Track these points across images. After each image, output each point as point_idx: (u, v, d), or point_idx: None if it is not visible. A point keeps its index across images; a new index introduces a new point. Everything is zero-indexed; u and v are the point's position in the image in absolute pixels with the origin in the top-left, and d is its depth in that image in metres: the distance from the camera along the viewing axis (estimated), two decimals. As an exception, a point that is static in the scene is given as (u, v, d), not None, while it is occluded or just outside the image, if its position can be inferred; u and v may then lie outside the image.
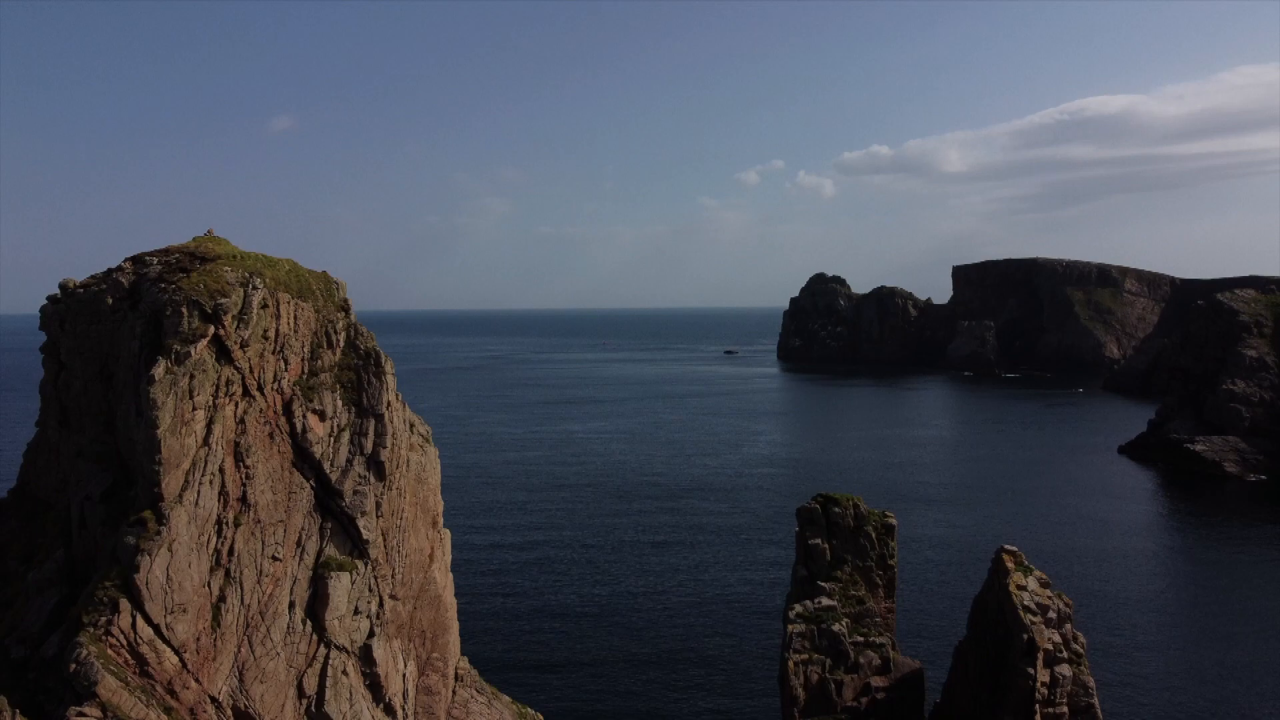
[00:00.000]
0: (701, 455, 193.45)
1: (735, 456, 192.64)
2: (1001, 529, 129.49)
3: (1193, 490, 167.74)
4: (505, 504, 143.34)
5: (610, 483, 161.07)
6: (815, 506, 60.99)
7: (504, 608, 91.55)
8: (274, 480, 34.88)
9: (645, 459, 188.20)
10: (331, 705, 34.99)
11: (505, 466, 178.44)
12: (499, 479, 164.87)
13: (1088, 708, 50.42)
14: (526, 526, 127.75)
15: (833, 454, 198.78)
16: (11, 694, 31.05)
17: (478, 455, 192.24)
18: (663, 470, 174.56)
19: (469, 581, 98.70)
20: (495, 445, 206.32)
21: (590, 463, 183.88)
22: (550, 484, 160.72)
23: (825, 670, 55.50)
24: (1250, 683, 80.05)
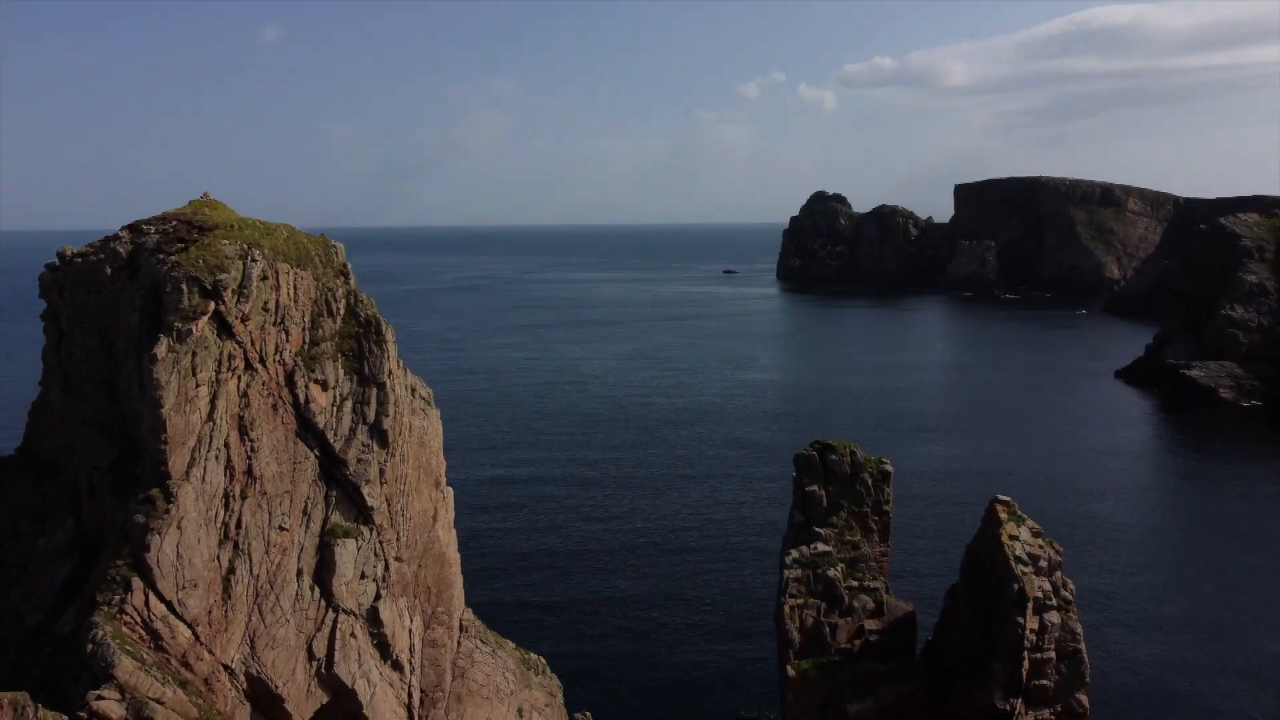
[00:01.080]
0: (699, 383, 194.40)
1: (732, 384, 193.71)
2: (995, 460, 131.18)
3: (1187, 416, 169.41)
4: (500, 436, 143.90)
5: (606, 413, 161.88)
6: (813, 454, 61.71)
7: (501, 548, 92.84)
8: (279, 452, 35.32)
9: (642, 386, 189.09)
10: (341, 666, 36.05)
11: (500, 395, 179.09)
12: (494, 408, 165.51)
13: (1074, 652, 51.89)
14: (522, 461, 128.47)
15: (830, 380, 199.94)
16: (30, 670, 31.99)
17: (473, 382, 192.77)
18: (659, 399, 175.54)
19: (467, 523, 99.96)
20: (491, 372, 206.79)
21: (587, 390, 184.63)
22: (546, 414, 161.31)
23: (820, 614, 56.89)
24: (1236, 611, 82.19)
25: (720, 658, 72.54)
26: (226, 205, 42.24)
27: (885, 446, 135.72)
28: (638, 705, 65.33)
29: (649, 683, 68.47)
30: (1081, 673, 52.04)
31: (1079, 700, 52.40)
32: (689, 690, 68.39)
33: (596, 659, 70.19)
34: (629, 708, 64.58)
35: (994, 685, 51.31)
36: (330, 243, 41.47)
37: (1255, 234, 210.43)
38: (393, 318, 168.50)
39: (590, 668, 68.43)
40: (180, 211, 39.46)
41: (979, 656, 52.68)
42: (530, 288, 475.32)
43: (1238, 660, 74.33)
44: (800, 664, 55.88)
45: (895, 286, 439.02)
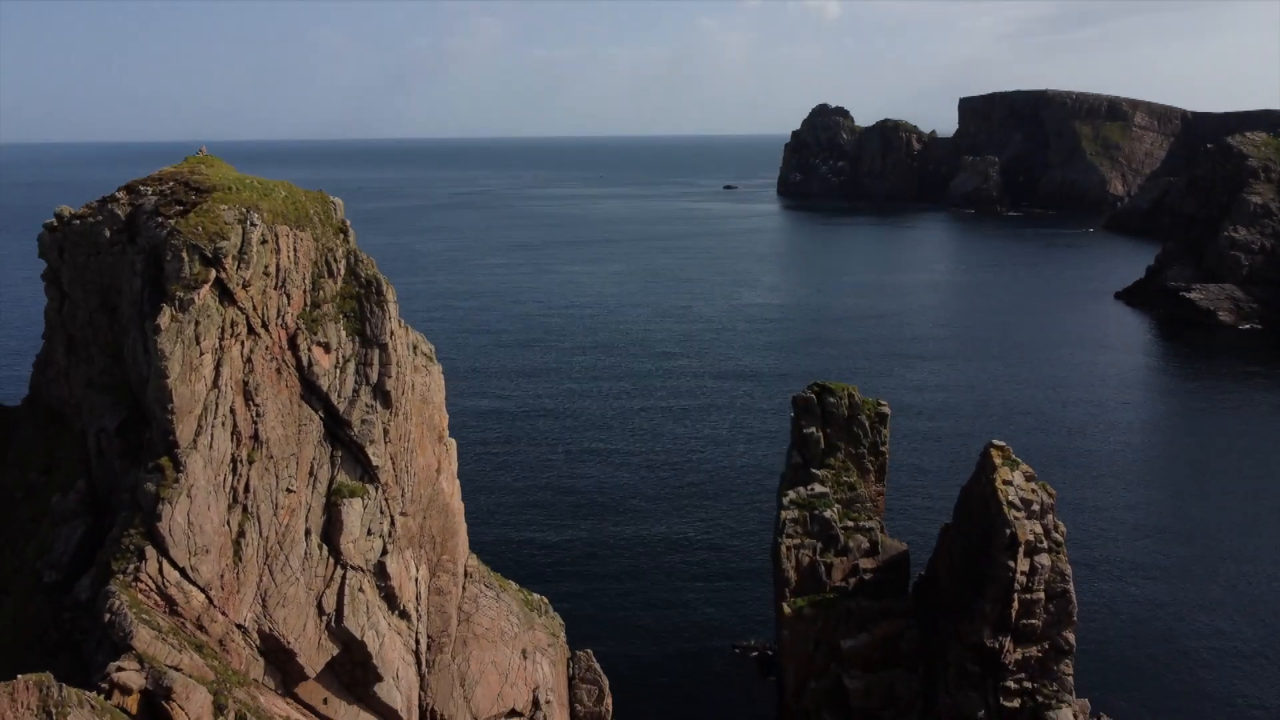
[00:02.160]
0: (698, 307, 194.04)
1: (732, 308, 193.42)
2: (992, 389, 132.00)
3: (1184, 340, 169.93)
4: (497, 366, 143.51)
5: (605, 341, 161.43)
6: (811, 396, 62.36)
7: (501, 486, 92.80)
8: (284, 415, 35.79)
9: (641, 312, 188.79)
10: (350, 620, 37.15)
11: (498, 320, 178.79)
12: (491, 335, 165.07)
13: (1063, 592, 53.30)
14: (520, 393, 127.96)
15: (829, 303, 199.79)
16: (51, 632, 33.03)
17: (470, 308, 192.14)
18: (658, 325, 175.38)
19: (466, 459, 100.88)
20: (488, 295, 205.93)
21: (586, 316, 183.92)
22: (544, 341, 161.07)
23: (816, 554, 58.26)
24: (1226, 544, 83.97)
25: (718, 593, 74.35)
26: (223, 162, 41.93)
27: (882, 376, 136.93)
28: (637, 641, 67.22)
29: (648, 618, 70.32)
30: (1069, 611, 53.55)
31: (1065, 638, 54.04)
32: (687, 623, 70.31)
33: (597, 596, 71.92)
34: (628, 643, 66.46)
35: (983, 624, 52.86)
36: (328, 199, 41.27)
37: (1262, 154, 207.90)
38: (387, 237, 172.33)
39: (591, 605, 70.19)
40: (177, 171, 39.20)
41: (969, 596, 54.13)
42: (528, 204, 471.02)
43: (1227, 593, 76.26)
44: (796, 602, 57.46)
45: (897, 203, 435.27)
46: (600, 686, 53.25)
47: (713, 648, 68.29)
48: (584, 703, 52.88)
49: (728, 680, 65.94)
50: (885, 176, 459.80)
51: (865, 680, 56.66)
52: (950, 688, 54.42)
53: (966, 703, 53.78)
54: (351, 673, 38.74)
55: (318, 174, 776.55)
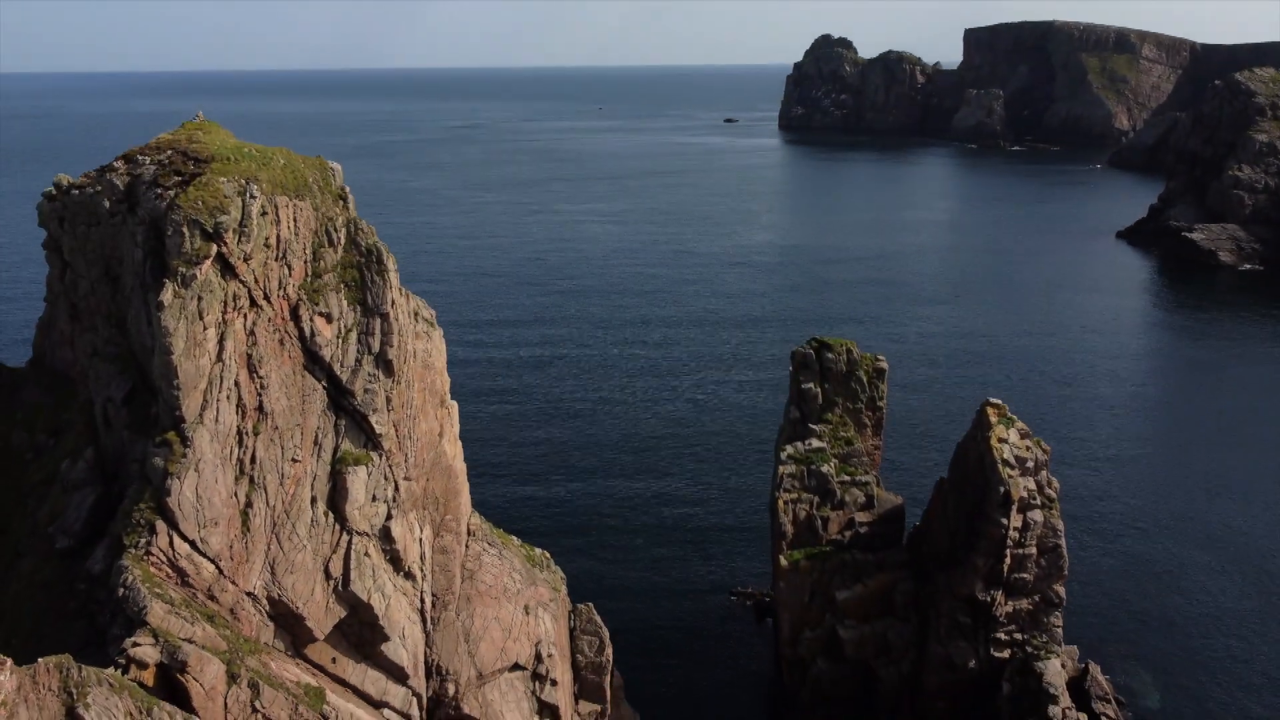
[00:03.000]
0: (697, 249, 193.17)
1: (732, 249, 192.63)
2: (991, 334, 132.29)
3: (1184, 281, 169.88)
4: (494, 311, 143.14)
5: (603, 284, 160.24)
6: (809, 352, 62.75)
7: (500, 439, 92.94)
8: (288, 386, 36.19)
9: (640, 253, 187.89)
10: (356, 584, 38.04)
11: (495, 262, 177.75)
12: (487, 279, 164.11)
13: (1054, 547, 54.39)
14: (518, 341, 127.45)
15: (829, 243, 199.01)
16: (66, 601, 33.92)
17: (467, 246, 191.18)
18: (657, 268, 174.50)
19: (465, 410, 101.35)
20: (485, 236, 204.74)
21: (584, 257, 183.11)
22: (541, 284, 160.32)
23: (813, 508, 59.24)
24: (1220, 497, 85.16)
25: (715, 543, 75.63)
26: (220, 126, 41.69)
27: (880, 320, 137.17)
28: (636, 591, 68.62)
29: (647, 569, 71.68)
30: (1060, 566, 54.73)
31: (1056, 591, 55.32)
32: (685, 572, 71.74)
33: (597, 549, 73.14)
34: (628, 594, 67.88)
35: (976, 578, 54.08)
36: (327, 165, 41.15)
37: (1270, 91, 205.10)
38: (383, 173, 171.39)
39: (591, 558, 71.45)
40: (174, 138, 39.02)
41: (963, 551, 55.24)
42: (526, 139, 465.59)
43: (1221, 542, 77.63)
44: (792, 554, 58.62)
45: (900, 137, 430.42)
46: (601, 638, 54.55)
47: (710, 595, 69.80)
48: (585, 654, 54.24)
49: (725, 627, 67.52)
50: (888, 110, 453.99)
51: (859, 630, 58.12)
52: (942, 638, 55.85)
53: (958, 653, 55.27)
54: (359, 633, 39.76)
55: (310, 107, 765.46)
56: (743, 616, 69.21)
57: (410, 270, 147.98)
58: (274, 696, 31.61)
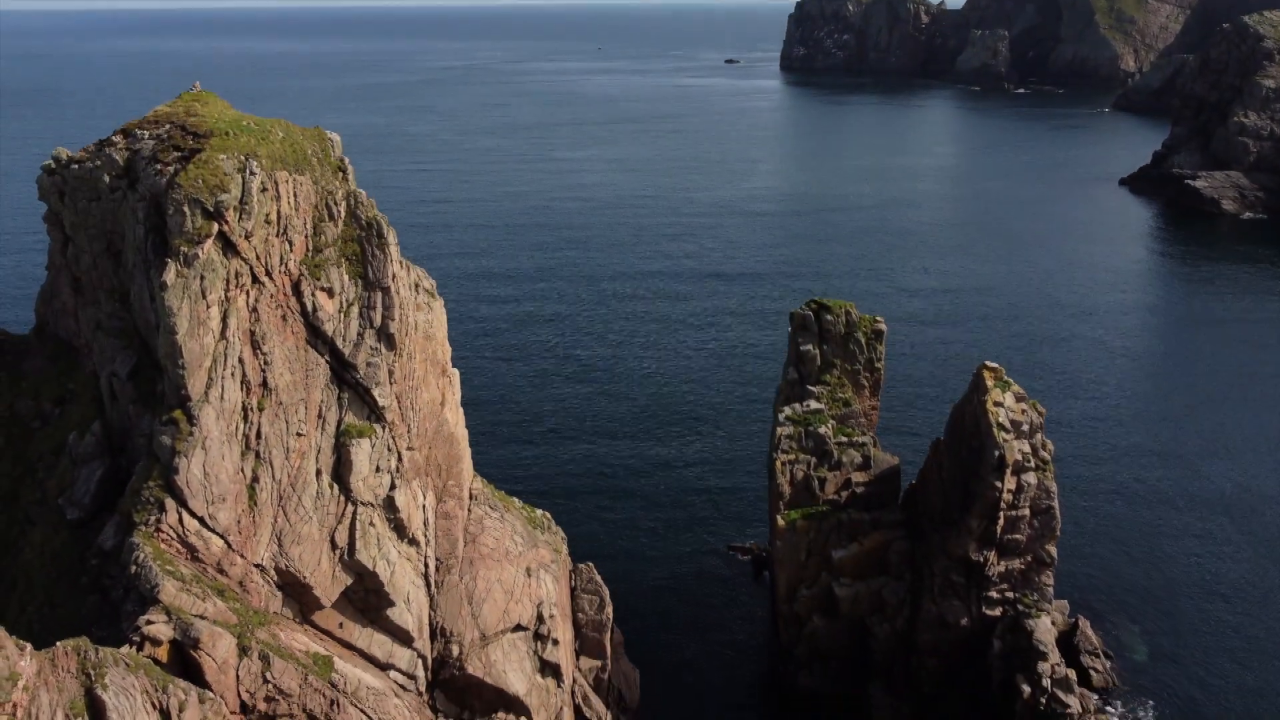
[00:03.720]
0: (698, 195, 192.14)
1: (731, 196, 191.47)
2: (988, 286, 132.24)
3: (1186, 230, 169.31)
4: (489, 264, 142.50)
5: (601, 235, 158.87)
6: (808, 313, 63.02)
7: (499, 401, 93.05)
8: (291, 361, 36.58)
9: (639, 201, 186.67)
10: (362, 553, 38.87)
11: (490, 211, 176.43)
12: (483, 231, 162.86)
13: (1047, 509, 55.31)
14: (511, 295, 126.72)
15: (829, 189, 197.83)
16: (78, 571, 34.70)
17: (464, 197, 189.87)
18: (657, 216, 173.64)
19: (461, 367, 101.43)
20: (481, 183, 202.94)
21: (582, 205, 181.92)
22: (538, 233, 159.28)
23: (810, 468, 60.03)
24: (1214, 449, 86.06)
25: (713, 499, 76.64)
26: (217, 97, 41.48)
27: (879, 271, 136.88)
28: (636, 549, 69.80)
29: (645, 526, 72.75)
30: (1053, 526, 55.69)
31: (1048, 551, 56.38)
32: (683, 529, 72.86)
33: (597, 508, 74.06)
34: (628, 552, 69.06)
35: (969, 538, 55.06)
36: (326, 136, 41.05)
37: (1279, 34, 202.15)
38: (380, 117, 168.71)
39: (592, 517, 72.41)
40: (172, 111, 38.89)
41: (957, 511, 56.16)
42: (523, 80, 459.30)
43: (1213, 500, 78.69)
44: (789, 514, 59.56)
45: (902, 79, 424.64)
46: (601, 596, 55.68)
47: (709, 552, 71.01)
48: (586, 612, 55.42)
49: (724, 583, 68.82)
50: (891, 51, 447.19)
51: (854, 588, 59.31)
52: (935, 596, 57.04)
53: (950, 611, 56.50)
54: (365, 599, 40.71)
55: (294, 46, 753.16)
56: (740, 572, 70.48)
57: (403, 223, 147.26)
58: (284, 667, 32.56)
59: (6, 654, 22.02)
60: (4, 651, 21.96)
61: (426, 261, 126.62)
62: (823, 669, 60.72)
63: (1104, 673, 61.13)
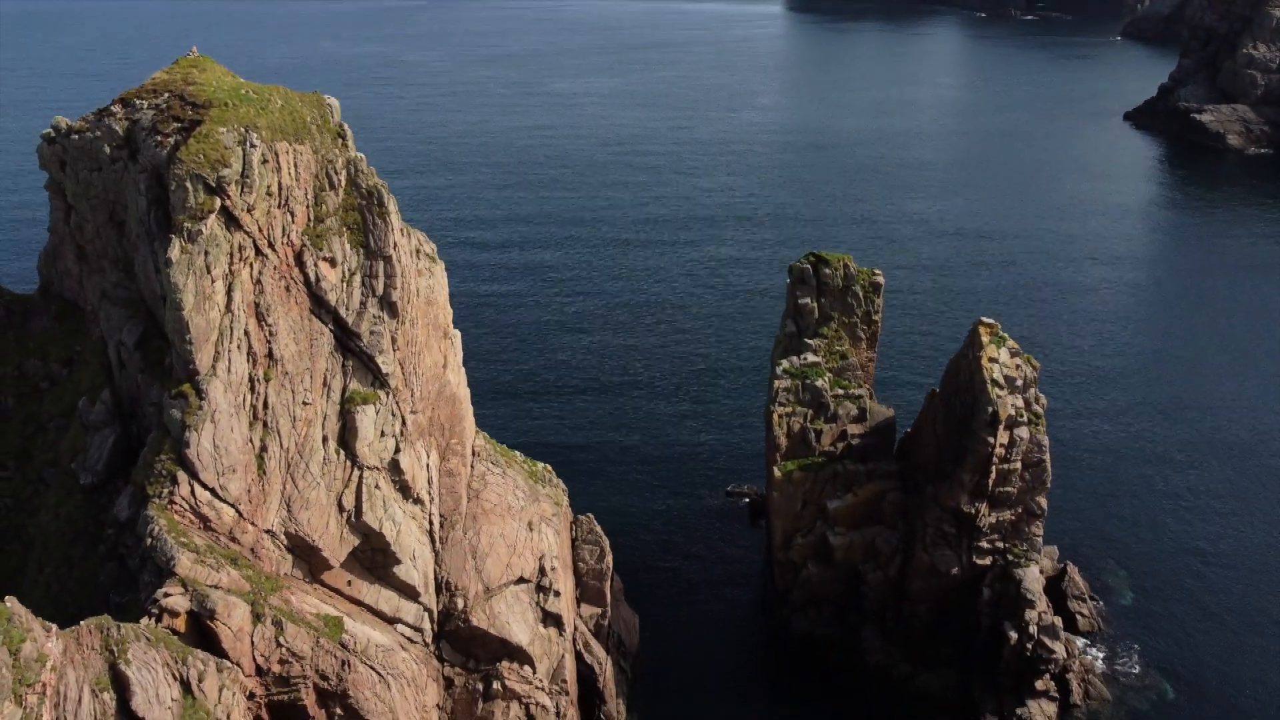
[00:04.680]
0: (697, 128, 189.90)
1: (730, 130, 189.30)
2: (987, 229, 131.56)
3: (1189, 167, 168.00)
4: (487, 202, 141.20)
5: (599, 171, 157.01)
6: (807, 266, 63.26)
7: (498, 353, 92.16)
8: (295, 331, 37.12)
9: (637, 133, 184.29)
10: (368, 515, 39.94)
11: (488, 146, 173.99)
12: (479, 165, 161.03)
13: (1039, 462, 56.35)
14: (507, 239, 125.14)
15: (829, 124, 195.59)
16: (95, 540, 35.77)
17: (460, 130, 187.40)
18: (656, 151, 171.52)
19: (459, 319, 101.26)
20: (476, 117, 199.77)
21: (578, 138, 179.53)
22: (532, 174, 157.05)
23: (806, 420, 60.96)
24: (1208, 393, 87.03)
25: (711, 447, 77.78)
26: (214, 62, 41.29)
27: (877, 212, 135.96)
28: (635, 497, 71.13)
29: (645, 475, 73.94)
30: (1043, 479, 56.81)
31: (1038, 502, 57.60)
32: (682, 475, 74.16)
33: (597, 459, 75.04)
34: (628, 501, 70.38)
35: (961, 491, 56.23)
36: (324, 101, 40.99)
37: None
38: (375, 46, 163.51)
39: (592, 468, 73.39)
40: (170, 79, 38.76)
41: (950, 465, 57.22)
42: (519, 5, 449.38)
43: (1204, 444, 79.90)
44: (786, 465, 60.69)
45: (907, 4, 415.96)
46: (601, 547, 57.14)
47: (706, 498, 72.47)
48: (586, 561, 56.92)
49: (721, 529, 70.35)
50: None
51: (848, 537, 60.76)
52: (927, 546, 58.45)
53: (942, 560, 57.95)
54: (372, 558, 41.92)
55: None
56: (738, 517, 71.98)
57: (394, 167, 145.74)
58: (296, 632, 33.81)
59: (34, 636, 23.05)
60: (32, 634, 22.98)
61: (417, 208, 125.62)
62: (817, 613, 62.51)
63: (1090, 617, 63.00)
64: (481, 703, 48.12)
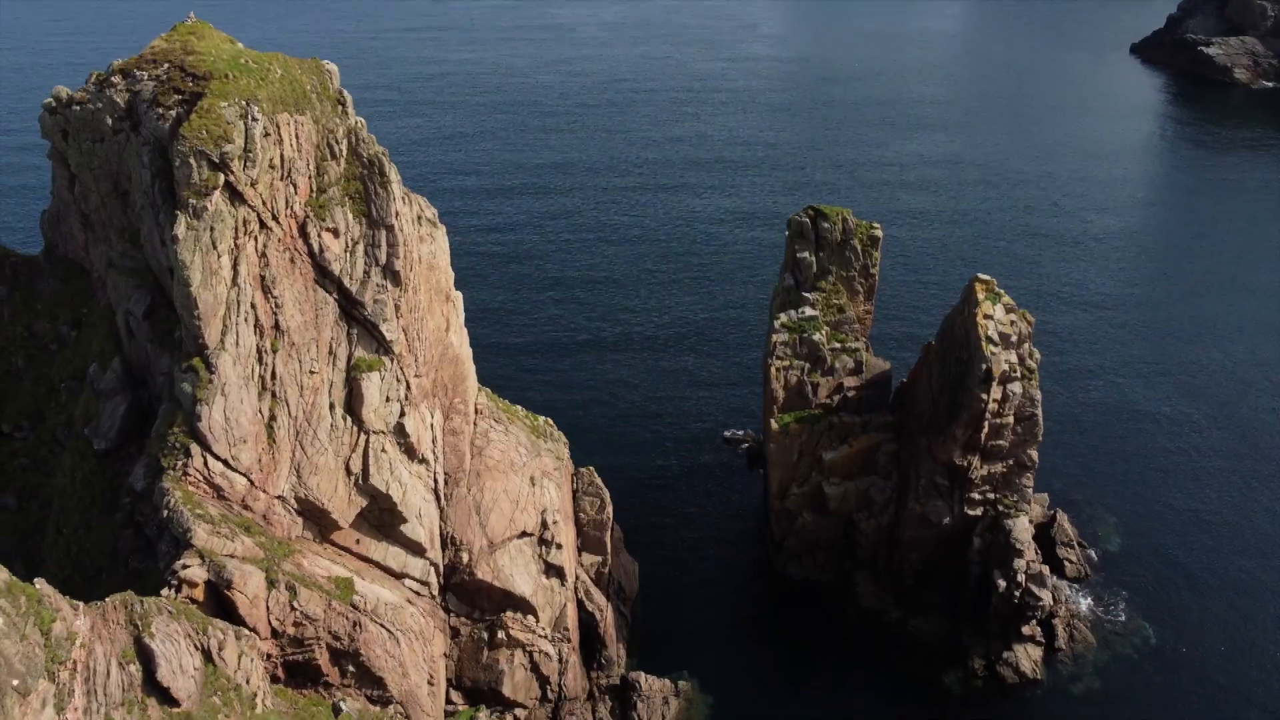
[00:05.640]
0: (697, 64, 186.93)
1: (730, 63, 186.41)
2: (990, 168, 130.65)
3: (1195, 102, 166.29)
4: (486, 134, 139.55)
5: (597, 116, 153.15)
6: (805, 220, 63.45)
7: (497, 305, 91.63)
8: (301, 302, 37.76)
9: (635, 68, 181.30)
10: (375, 477, 41.07)
11: (485, 76, 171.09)
12: (476, 96, 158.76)
13: (1031, 415, 57.43)
14: (505, 178, 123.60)
15: (831, 55, 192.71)
16: (113, 508, 36.93)
17: (457, 62, 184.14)
18: (654, 87, 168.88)
19: (467, 263, 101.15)
20: (474, 47, 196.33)
21: (577, 79, 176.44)
22: (529, 106, 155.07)
23: (804, 374, 61.88)
24: (1207, 342, 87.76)
25: (709, 395, 78.77)
26: (212, 28, 41.19)
27: (877, 152, 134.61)
28: (634, 446, 72.21)
29: (643, 423, 74.97)
30: (1035, 432, 57.95)
31: (1029, 455, 58.85)
32: (680, 423, 75.32)
33: (597, 410, 75.95)
34: (627, 451, 71.50)
35: (954, 446, 57.42)
36: (323, 68, 40.97)
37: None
38: None
39: (591, 419, 74.32)
40: (169, 47, 38.76)
41: (944, 419, 58.30)
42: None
43: (1197, 392, 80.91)
44: (783, 418, 61.81)
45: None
46: (601, 498, 58.47)
47: (705, 445, 73.79)
48: (587, 512, 58.32)
49: (718, 475, 71.80)
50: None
51: (843, 487, 62.18)
52: (920, 496, 59.87)
53: (934, 510, 59.43)
54: (380, 518, 43.18)
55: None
56: (735, 463, 73.38)
57: (384, 113, 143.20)
58: (309, 596, 35.17)
59: (63, 615, 24.24)
60: (60, 614, 24.17)
61: (406, 152, 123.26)
62: (811, 560, 64.30)
63: (1078, 563, 64.73)
64: (487, 651, 49.97)
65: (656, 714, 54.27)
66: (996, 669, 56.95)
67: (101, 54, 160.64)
